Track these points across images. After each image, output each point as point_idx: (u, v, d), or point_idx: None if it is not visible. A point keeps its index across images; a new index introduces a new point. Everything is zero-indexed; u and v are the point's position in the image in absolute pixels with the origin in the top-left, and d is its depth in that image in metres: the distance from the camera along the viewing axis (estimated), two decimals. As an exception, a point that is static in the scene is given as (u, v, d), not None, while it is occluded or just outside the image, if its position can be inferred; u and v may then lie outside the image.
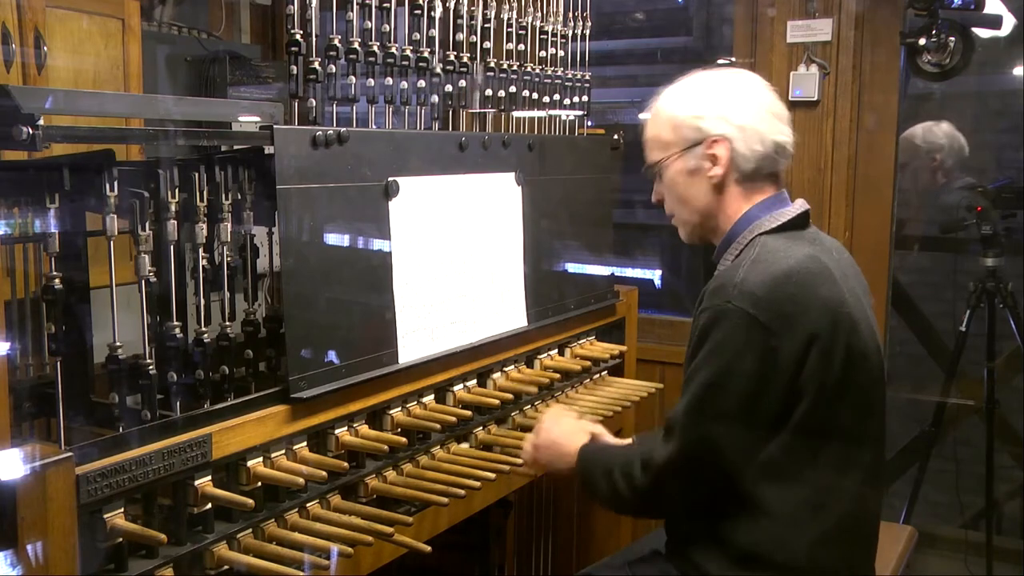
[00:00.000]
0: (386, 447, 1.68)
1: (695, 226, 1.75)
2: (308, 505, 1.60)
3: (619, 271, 2.85)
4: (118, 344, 1.44)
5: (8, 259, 1.67)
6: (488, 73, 2.08)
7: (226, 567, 1.45)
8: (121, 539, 1.31)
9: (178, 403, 1.48)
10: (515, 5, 2.19)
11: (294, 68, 1.64)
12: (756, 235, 1.64)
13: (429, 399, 1.89)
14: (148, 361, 1.44)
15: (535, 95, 2.27)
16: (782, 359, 1.50)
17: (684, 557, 1.68)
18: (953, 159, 3.56)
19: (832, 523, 1.58)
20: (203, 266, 1.55)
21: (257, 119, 1.79)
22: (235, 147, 1.67)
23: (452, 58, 1.98)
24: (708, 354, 1.54)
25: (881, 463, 1.71)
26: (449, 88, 1.98)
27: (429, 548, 1.59)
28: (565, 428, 1.88)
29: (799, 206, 1.69)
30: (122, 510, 1.32)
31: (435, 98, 1.95)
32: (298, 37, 1.64)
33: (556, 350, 2.34)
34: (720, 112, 1.65)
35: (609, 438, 1.88)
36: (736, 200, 1.68)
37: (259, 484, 1.52)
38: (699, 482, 1.63)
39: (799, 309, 1.51)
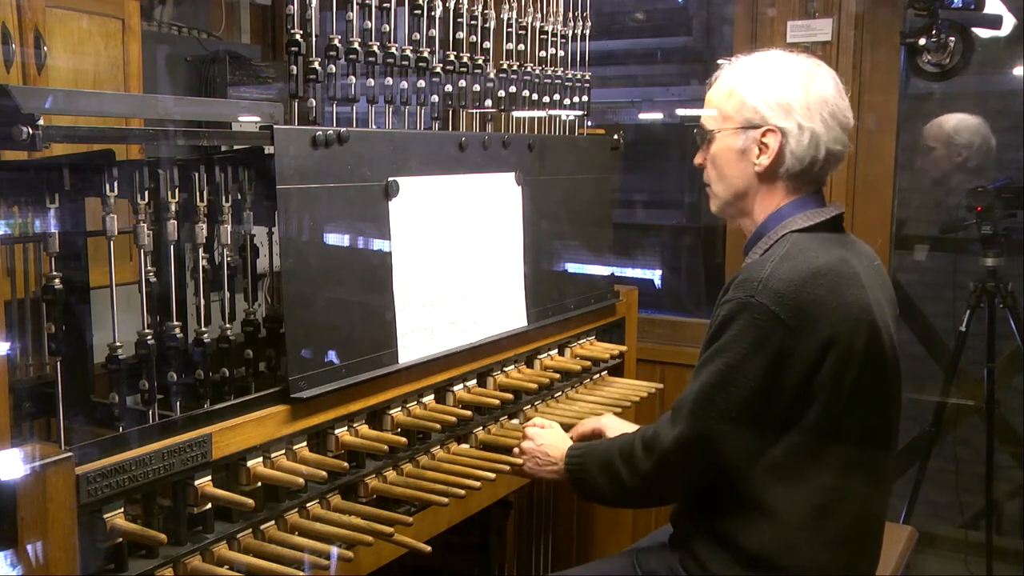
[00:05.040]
0: (386, 447, 1.68)
1: (726, 203, 1.75)
2: (308, 505, 1.60)
3: (619, 271, 2.85)
4: (118, 344, 1.43)
5: (8, 259, 1.67)
6: (488, 73, 2.08)
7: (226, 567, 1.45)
8: (121, 539, 1.31)
9: (178, 403, 1.48)
10: (515, 5, 2.19)
11: (294, 68, 1.64)
12: (787, 232, 1.62)
13: (429, 399, 1.89)
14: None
15: (535, 95, 2.27)
16: (797, 359, 1.49)
17: (689, 553, 1.68)
18: (979, 159, 3.54)
19: (839, 528, 1.58)
20: (203, 266, 1.55)
21: (257, 119, 1.78)
22: (235, 147, 1.67)
23: (452, 58, 1.98)
24: (725, 344, 1.54)
25: (889, 468, 1.71)
26: (449, 88, 1.98)
27: (429, 548, 1.58)
28: (551, 436, 1.91)
29: (834, 208, 1.67)
30: (122, 510, 1.31)
31: (435, 98, 1.95)
32: (298, 37, 1.64)
33: (556, 350, 2.34)
34: (787, 105, 1.62)
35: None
36: (776, 194, 1.67)
37: (259, 484, 1.52)
38: (702, 469, 1.63)
39: (822, 311, 1.50)
